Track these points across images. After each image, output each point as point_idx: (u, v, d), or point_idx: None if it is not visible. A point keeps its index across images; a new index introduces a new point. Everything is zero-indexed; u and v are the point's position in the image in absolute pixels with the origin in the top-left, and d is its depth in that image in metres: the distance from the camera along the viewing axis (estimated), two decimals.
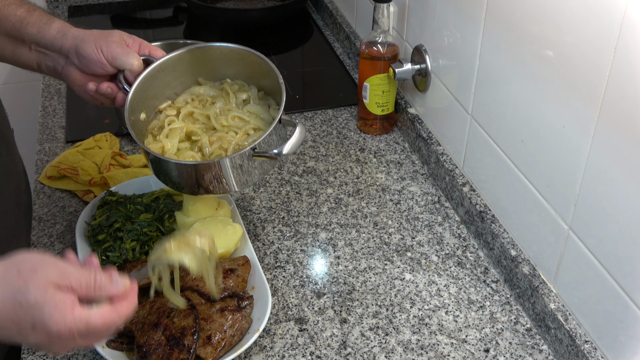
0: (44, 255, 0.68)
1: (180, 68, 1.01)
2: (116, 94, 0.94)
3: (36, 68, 0.97)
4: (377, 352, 0.94)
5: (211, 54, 1.01)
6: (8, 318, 0.65)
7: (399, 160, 1.33)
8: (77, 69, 0.93)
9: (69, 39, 0.91)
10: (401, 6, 1.33)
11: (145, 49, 0.95)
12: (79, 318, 0.65)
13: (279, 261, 1.09)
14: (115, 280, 0.70)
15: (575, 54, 0.83)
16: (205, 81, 1.05)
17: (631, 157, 0.76)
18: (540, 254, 0.99)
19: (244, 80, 1.04)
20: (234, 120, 0.98)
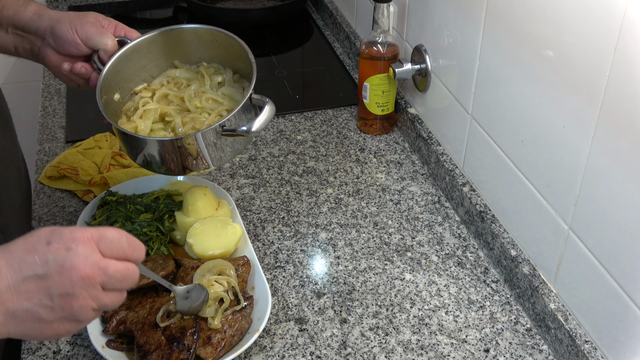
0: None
1: (155, 50, 1.01)
2: (90, 74, 0.95)
3: (14, 51, 0.97)
4: (377, 352, 0.94)
5: (186, 36, 1.02)
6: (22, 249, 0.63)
7: (399, 160, 1.33)
8: (53, 50, 0.94)
9: (44, 20, 0.92)
10: (401, 6, 1.33)
11: (121, 31, 0.97)
12: (100, 260, 0.65)
13: (279, 261, 1.09)
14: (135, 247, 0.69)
15: (575, 54, 0.83)
16: (181, 64, 1.05)
17: (631, 157, 0.76)
18: (540, 254, 0.99)
19: (220, 64, 1.04)
20: (208, 102, 0.99)
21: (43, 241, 0.64)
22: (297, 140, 1.38)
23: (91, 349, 0.94)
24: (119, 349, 0.91)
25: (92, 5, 1.94)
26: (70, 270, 0.63)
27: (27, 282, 0.63)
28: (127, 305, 0.94)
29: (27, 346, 0.94)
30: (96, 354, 0.93)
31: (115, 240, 0.67)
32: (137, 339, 0.89)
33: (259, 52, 1.75)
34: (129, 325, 0.91)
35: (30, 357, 0.93)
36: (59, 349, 0.94)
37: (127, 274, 0.67)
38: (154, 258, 1.01)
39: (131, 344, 0.91)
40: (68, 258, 0.63)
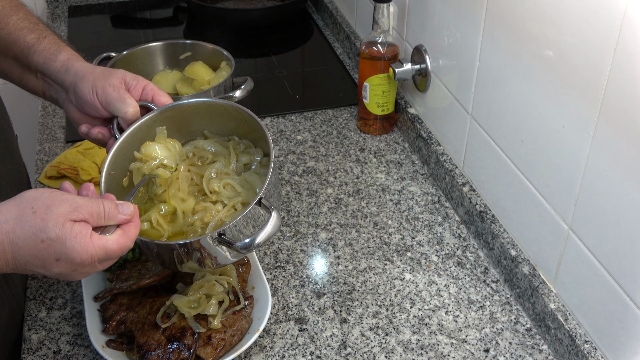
0: (52, 191, 0.71)
1: (183, 119, 0.93)
2: (107, 139, 0.91)
3: (42, 95, 0.95)
4: (377, 352, 0.94)
5: (215, 110, 0.93)
6: (31, 254, 0.69)
7: (399, 160, 1.33)
8: (75, 107, 0.90)
9: (70, 74, 0.88)
10: (401, 6, 1.33)
11: (149, 94, 0.89)
12: (99, 246, 0.71)
13: (279, 261, 1.09)
14: (121, 207, 0.75)
15: (575, 54, 0.83)
16: (211, 135, 0.96)
17: (631, 157, 0.76)
18: (540, 254, 0.99)
19: (252, 142, 0.94)
20: (226, 188, 0.90)
21: (52, 256, 0.69)
22: (297, 140, 1.38)
23: (91, 349, 0.94)
24: (119, 349, 0.91)
25: (92, 5, 1.94)
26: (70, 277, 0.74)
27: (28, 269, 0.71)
28: (127, 305, 0.94)
29: (27, 346, 0.94)
30: (96, 354, 0.93)
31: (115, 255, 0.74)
32: (137, 339, 0.89)
33: (259, 52, 1.75)
34: (129, 325, 0.91)
35: (31, 357, 0.93)
36: (59, 349, 0.94)
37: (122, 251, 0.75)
38: None
39: (131, 344, 0.91)
40: (71, 275, 0.73)
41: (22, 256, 0.69)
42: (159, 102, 0.90)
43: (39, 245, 0.69)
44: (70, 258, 0.70)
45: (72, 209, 0.70)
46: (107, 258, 0.73)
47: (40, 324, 0.98)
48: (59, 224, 0.69)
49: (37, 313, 0.99)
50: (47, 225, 0.68)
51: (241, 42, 1.78)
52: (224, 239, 0.79)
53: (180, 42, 1.42)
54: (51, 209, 0.69)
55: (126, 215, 0.75)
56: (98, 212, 0.72)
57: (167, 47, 1.41)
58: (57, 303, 1.01)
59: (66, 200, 0.71)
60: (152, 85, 0.90)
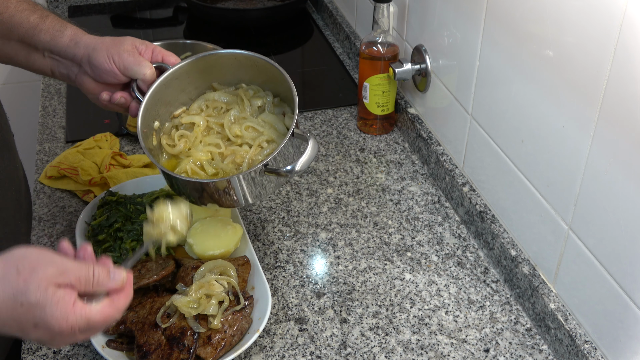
0: (41, 251, 0.68)
1: (194, 74, 0.98)
2: (129, 103, 0.93)
3: (50, 74, 0.96)
4: (377, 352, 0.94)
5: (224, 61, 0.98)
6: (9, 317, 0.65)
7: (399, 160, 1.33)
8: (91, 78, 0.92)
9: (81, 47, 0.90)
10: (401, 6, 1.33)
11: (158, 55, 0.93)
12: (80, 315, 0.67)
13: (279, 261, 1.09)
14: (113, 274, 0.71)
15: (575, 54, 0.83)
16: (220, 86, 1.02)
17: (631, 157, 0.76)
18: (540, 254, 0.99)
19: (260, 86, 1.01)
20: (248, 130, 0.96)
21: (31, 322, 0.66)
22: None
23: (91, 349, 0.94)
24: (119, 349, 0.91)
25: (92, 5, 1.94)
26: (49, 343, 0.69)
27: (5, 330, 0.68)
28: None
29: (27, 346, 0.94)
30: (96, 354, 0.93)
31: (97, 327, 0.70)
32: (137, 339, 0.89)
33: (259, 52, 1.74)
34: (129, 325, 0.91)
35: (31, 357, 0.93)
36: (59, 349, 0.94)
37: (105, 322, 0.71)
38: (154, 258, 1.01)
39: (131, 344, 0.91)
40: (49, 343, 0.69)
41: (0, 318, 0.66)
42: (169, 62, 0.94)
43: (18, 309, 0.65)
44: (49, 326, 0.66)
45: (59, 272, 0.67)
46: (88, 329, 0.69)
47: None
48: (41, 288, 0.65)
49: None
50: (28, 288, 0.65)
51: (241, 42, 1.78)
52: (269, 168, 0.87)
53: (180, 42, 1.42)
54: (36, 270, 0.66)
55: (117, 283, 0.71)
56: (87, 277, 0.69)
57: (167, 47, 1.39)
58: None
59: (54, 262, 0.67)
60: (159, 47, 0.94)
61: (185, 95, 1.00)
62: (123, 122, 1.37)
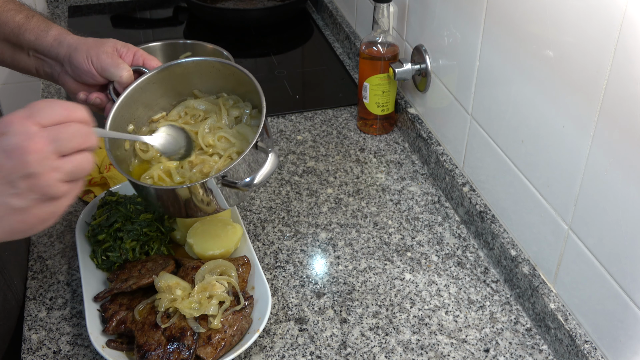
0: None
1: (174, 80, 0.98)
2: (105, 104, 0.94)
3: (35, 73, 0.97)
4: (377, 352, 0.94)
5: (204, 68, 0.98)
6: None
7: (399, 160, 1.33)
8: (72, 78, 0.93)
9: (64, 47, 0.92)
10: (401, 6, 1.33)
11: (140, 59, 0.94)
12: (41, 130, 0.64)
13: (279, 261, 1.09)
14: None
15: (575, 53, 0.83)
16: (201, 94, 1.02)
17: (631, 157, 0.76)
18: (540, 254, 0.99)
19: (240, 96, 1.01)
20: (221, 141, 0.96)
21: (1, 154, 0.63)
22: (297, 140, 1.38)
23: (91, 349, 0.94)
24: (119, 349, 0.91)
25: (92, 5, 1.94)
26: (15, 151, 0.63)
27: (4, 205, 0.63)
28: (127, 305, 0.94)
29: (27, 346, 0.94)
30: (96, 354, 0.93)
31: (47, 107, 0.66)
32: (137, 339, 0.89)
33: (259, 52, 1.75)
34: (129, 325, 0.91)
35: (31, 357, 0.93)
36: (59, 349, 0.94)
37: (74, 131, 0.66)
38: (154, 258, 1.01)
39: (131, 344, 0.91)
40: (8, 141, 0.63)
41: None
42: (149, 66, 0.94)
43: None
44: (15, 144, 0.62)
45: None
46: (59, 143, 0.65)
47: (40, 324, 0.98)
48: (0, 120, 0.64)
49: (37, 313, 0.99)
50: None
51: (241, 42, 1.78)
52: (226, 180, 0.85)
53: (180, 42, 1.42)
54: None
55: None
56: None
57: (167, 47, 1.40)
58: (57, 303, 1.01)
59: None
60: (141, 51, 0.95)
61: (166, 100, 1.00)
62: None
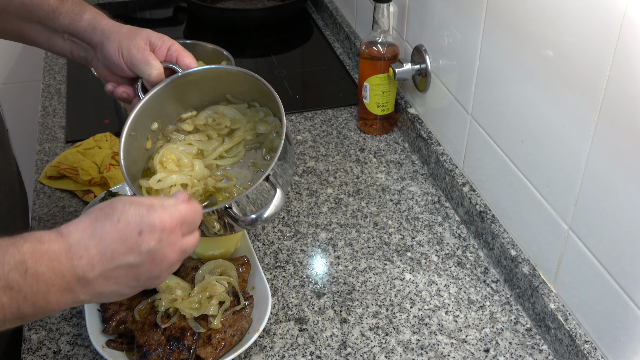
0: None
1: (206, 83, 0.94)
2: (132, 99, 0.92)
3: (70, 56, 0.95)
4: (377, 352, 0.94)
5: (237, 78, 0.93)
6: (114, 239, 0.66)
7: (399, 160, 1.33)
8: (103, 65, 0.91)
9: (97, 33, 0.89)
10: (401, 6, 1.33)
11: (173, 54, 0.90)
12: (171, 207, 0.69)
13: (279, 261, 1.09)
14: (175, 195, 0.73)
15: (575, 54, 0.83)
16: (234, 99, 0.97)
17: (631, 157, 0.76)
18: (540, 254, 0.99)
19: (271, 110, 0.96)
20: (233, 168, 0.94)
21: (135, 231, 0.66)
22: (297, 140, 1.38)
23: (91, 349, 0.94)
24: (119, 349, 0.91)
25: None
26: (162, 260, 0.68)
27: (119, 270, 0.66)
28: (127, 305, 0.94)
29: (27, 346, 0.94)
30: (96, 354, 0.93)
31: (193, 222, 0.72)
32: (137, 339, 0.89)
33: (259, 52, 1.75)
34: (129, 325, 0.91)
35: (31, 357, 0.93)
36: (59, 349, 0.94)
37: (194, 242, 0.73)
38: None
39: (131, 344, 0.91)
40: (160, 250, 0.68)
41: (107, 246, 0.65)
42: (182, 63, 0.90)
43: (117, 225, 0.66)
44: (151, 224, 0.67)
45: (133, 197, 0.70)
46: (184, 221, 0.70)
47: (40, 324, 0.98)
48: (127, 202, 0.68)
49: None
50: (115, 207, 0.67)
51: (241, 42, 1.78)
52: (229, 213, 0.80)
53: (180, 42, 1.41)
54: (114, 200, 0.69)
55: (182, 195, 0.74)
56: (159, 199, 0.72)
57: None
58: None
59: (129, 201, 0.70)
60: (177, 45, 0.91)
61: (198, 98, 0.96)
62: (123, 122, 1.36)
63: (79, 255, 0.64)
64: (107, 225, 0.66)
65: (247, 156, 0.95)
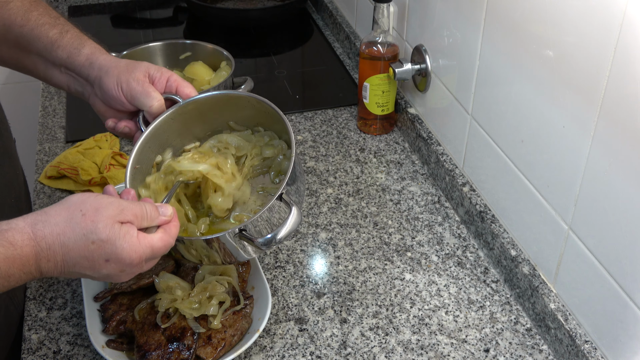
0: (96, 194, 0.73)
1: (208, 111, 0.93)
2: (134, 133, 0.91)
3: (67, 89, 0.95)
4: (377, 352, 0.94)
5: (239, 102, 0.92)
6: (82, 256, 0.70)
7: (399, 160, 1.33)
8: (101, 101, 0.90)
9: (95, 68, 0.88)
10: (401, 6, 1.33)
11: (173, 85, 0.89)
12: (145, 245, 0.73)
13: (279, 261, 1.09)
14: (161, 209, 0.77)
15: (575, 54, 0.83)
16: (237, 126, 0.96)
17: (631, 157, 0.76)
18: (540, 254, 0.99)
19: (276, 133, 0.94)
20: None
21: (102, 257, 0.71)
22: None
23: (91, 349, 0.94)
24: (119, 349, 0.91)
25: (92, 5, 1.94)
26: (117, 279, 0.75)
27: (76, 274, 0.73)
28: (127, 305, 0.94)
29: (27, 346, 0.94)
30: (96, 354, 0.93)
31: (160, 254, 0.76)
32: (137, 339, 0.89)
33: (259, 52, 1.75)
34: (129, 325, 0.91)
35: (31, 357, 0.93)
36: (59, 349, 0.94)
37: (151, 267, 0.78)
38: None
39: (131, 344, 0.91)
40: (117, 276, 0.74)
41: (72, 258, 0.70)
42: (182, 93, 0.89)
43: (90, 246, 0.70)
44: (120, 258, 0.71)
45: (119, 211, 0.72)
46: (152, 256, 0.75)
47: (40, 324, 0.98)
48: (109, 226, 0.70)
49: (37, 313, 0.99)
50: (97, 226, 0.70)
51: (241, 42, 1.78)
52: (244, 235, 0.80)
53: (180, 42, 1.42)
54: (100, 211, 0.71)
55: (166, 217, 0.77)
56: (142, 214, 0.74)
57: (167, 47, 1.41)
58: (57, 303, 1.01)
59: (112, 203, 0.72)
60: (175, 76, 0.90)
61: (200, 129, 0.95)
62: None
63: (46, 259, 0.70)
64: (80, 242, 0.70)
65: (256, 182, 0.93)
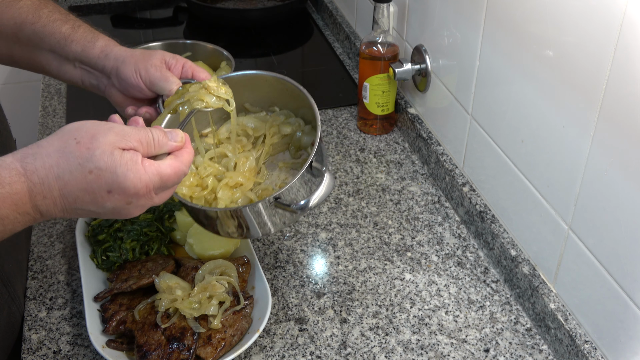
0: (94, 121, 0.68)
1: None
2: (154, 118, 0.91)
3: (80, 84, 0.95)
4: (377, 352, 0.94)
5: (257, 81, 0.95)
6: (80, 188, 0.65)
7: (399, 160, 1.33)
8: (119, 91, 0.91)
9: (110, 59, 0.89)
10: (401, 6, 1.33)
11: (189, 71, 0.90)
12: (152, 172, 0.67)
13: (279, 261, 1.09)
14: (171, 134, 0.71)
15: (575, 54, 0.83)
16: (252, 107, 0.98)
17: (631, 157, 0.76)
18: (540, 254, 0.99)
19: (292, 111, 0.96)
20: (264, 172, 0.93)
21: (104, 188, 0.65)
22: None
23: (91, 349, 0.94)
24: (119, 349, 0.91)
25: (92, 5, 1.94)
26: (126, 214, 0.68)
27: (80, 211, 0.67)
28: (127, 305, 0.94)
29: (27, 346, 0.95)
30: (96, 354, 0.93)
31: (172, 183, 0.69)
32: (137, 339, 0.89)
33: (259, 52, 1.75)
34: (129, 325, 0.91)
35: (31, 357, 0.93)
36: (59, 349, 0.94)
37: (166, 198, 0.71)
38: (154, 258, 1.01)
39: (131, 344, 0.91)
40: (125, 209, 0.67)
41: (71, 192, 0.64)
42: (198, 78, 0.90)
43: (88, 176, 0.64)
44: (123, 188, 0.65)
45: (120, 137, 0.66)
46: (163, 186, 0.69)
47: (40, 324, 0.98)
48: (107, 152, 0.64)
49: (37, 313, 0.99)
50: (93, 154, 0.64)
51: (241, 42, 1.78)
52: (280, 202, 0.81)
53: (180, 42, 1.42)
54: (96, 137, 0.65)
55: (177, 142, 0.71)
56: (147, 139, 0.68)
57: (167, 47, 1.41)
58: (57, 303, 1.01)
59: (112, 128, 0.66)
60: (190, 62, 0.91)
61: (216, 113, 0.95)
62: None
63: (42, 195, 0.64)
64: (76, 173, 0.64)
65: (276, 159, 0.95)
